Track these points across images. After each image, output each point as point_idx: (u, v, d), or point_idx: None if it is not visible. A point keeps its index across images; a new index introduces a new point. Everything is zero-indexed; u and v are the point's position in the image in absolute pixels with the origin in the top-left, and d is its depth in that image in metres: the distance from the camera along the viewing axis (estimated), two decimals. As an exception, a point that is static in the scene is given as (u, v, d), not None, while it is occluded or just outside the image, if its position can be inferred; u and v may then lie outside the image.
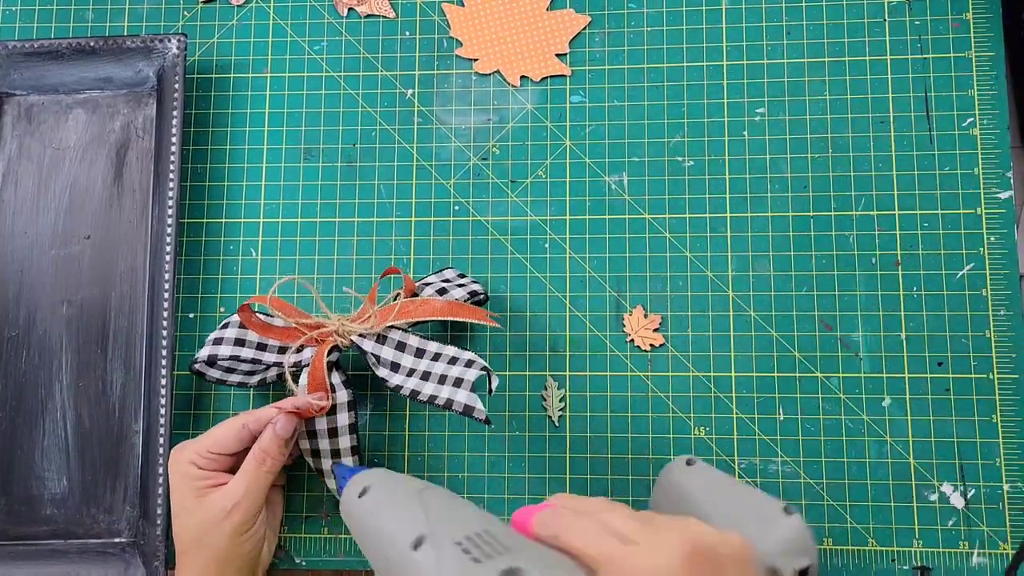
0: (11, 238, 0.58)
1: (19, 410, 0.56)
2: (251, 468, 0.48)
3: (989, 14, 0.57)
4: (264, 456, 0.48)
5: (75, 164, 0.59)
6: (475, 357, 0.49)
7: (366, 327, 0.51)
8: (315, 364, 0.50)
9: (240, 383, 0.54)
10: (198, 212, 0.59)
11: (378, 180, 0.59)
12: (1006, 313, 0.54)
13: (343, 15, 0.61)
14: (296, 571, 0.55)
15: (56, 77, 0.59)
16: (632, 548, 0.35)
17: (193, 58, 0.61)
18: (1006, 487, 0.53)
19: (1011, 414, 0.53)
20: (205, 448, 0.48)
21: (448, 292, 0.52)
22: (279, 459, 0.49)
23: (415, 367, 0.50)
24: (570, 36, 0.59)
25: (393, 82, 0.60)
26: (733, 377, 0.55)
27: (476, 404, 0.46)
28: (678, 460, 0.47)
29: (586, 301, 0.56)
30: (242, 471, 0.48)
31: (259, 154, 0.59)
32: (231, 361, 0.52)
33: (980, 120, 0.56)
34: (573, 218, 0.57)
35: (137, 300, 0.57)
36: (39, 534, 0.55)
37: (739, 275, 0.56)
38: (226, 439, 0.48)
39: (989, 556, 0.52)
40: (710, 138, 0.57)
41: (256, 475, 0.48)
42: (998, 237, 0.55)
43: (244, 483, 0.48)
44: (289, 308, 0.52)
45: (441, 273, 0.55)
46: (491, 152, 0.59)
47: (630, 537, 0.36)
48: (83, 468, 0.56)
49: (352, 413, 0.52)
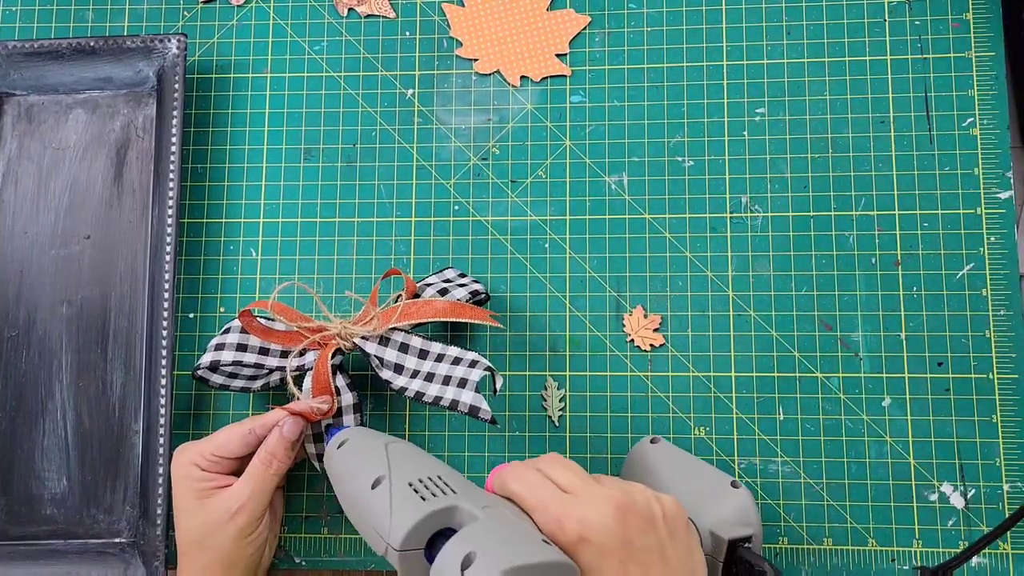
0: (11, 238, 0.58)
1: (19, 410, 0.56)
2: (257, 470, 0.48)
3: (989, 14, 0.57)
4: (271, 458, 0.48)
5: (75, 164, 0.59)
6: (479, 357, 0.49)
7: (368, 329, 0.51)
8: (319, 368, 0.50)
9: (243, 388, 0.54)
10: (198, 212, 0.59)
11: (378, 180, 0.59)
12: (1006, 313, 0.54)
13: (343, 15, 0.61)
14: (296, 571, 0.55)
15: (56, 77, 0.59)
16: (568, 497, 0.38)
17: (193, 58, 0.61)
18: (1006, 487, 0.53)
19: (1011, 414, 0.53)
20: (209, 451, 0.48)
21: (449, 292, 0.52)
22: (285, 462, 0.48)
23: (419, 368, 0.50)
24: (570, 36, 0.59)
25: (393, 82, 0.60)
26: (733, 377, 0.55)
27: (481, 404, 0.47)
28: (645, 439, 0.52)
29: (586, 301, 0.56)
30: (248, 473, 0.48)
31: (259, 154, 0.59)
32: (234, 366, 0.52)
33: (980, 120, 0.56)
34: (573, 218, 0.57)
35: (137, 300, 0.57)
36: (39, 534, 0.55)
37: (739, 275, 0.56)
38: (231, 443, 0.48)
39: (989, 556, 0.52)
40: (710, 138, 0.57)
41: (263, 477, 0.48)
42: (998, 237, 0.55)
43: (250, 485, 0.47)
44: (290, 312, 0.52)
45: (442, 273, 0.55)
46: (491, 152, 0.59)
47: (568, 489, 0.39)
48: (83, 468, 0.56)
49: (357, 415, 0.52)
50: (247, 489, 0.47)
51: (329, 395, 0.50)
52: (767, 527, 0.53)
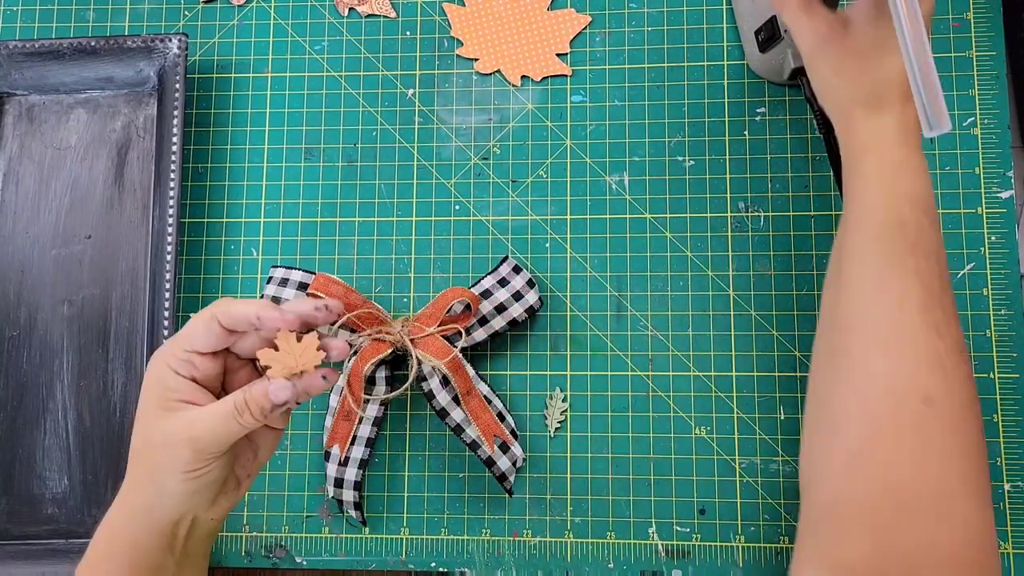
0: (12, 238, 0.58)
1: (20, 410, 0.56)
2: (225, 413, 0.38)
3: (989, 14, 0.57)
4: (243, 408, 0.38)
5: (76, 164, 0.59)
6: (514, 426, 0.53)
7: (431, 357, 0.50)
8: (356, 367, 0.50)
9: None
10: (199, 212, 0.59)
11: (379, 180, 0.59)
12: (1007, 313, 0.54)
13: (344, 15, 0.61)
14: (296, 571, 0.55)
15: (57, 77, 0.59)
16: None
17: (194, 58, 0.61)
18: (1007, 487, 0.53)
19: (1011, 414, 0.53)
20: (180, 347, 0.39)
21: (507, 309, 0.53)
22: (259, 421, 0.39)
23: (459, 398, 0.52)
24: (571, 36, 0.59)
25: (394, 82, 0.60)
26: (734, 376, 0.55)
27: (511, 477, 0.52)
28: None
29: (586, 301, 0.56)
30: (214, 409, 0.39)
31: (260, 154, 0.59)
32: None
33: (981, 120, 0.56)
34: (573, 218, 0.57)
35: (138, 300, 0.57)
36: (40, 534, 0.55)
37: (740, 274, 0.56)
38: (195, 334, 0.38)
39: (990, 556, 0.52)
40: (710, 138, 0.57)
41: (226, 422, 0.38)
42: (999, 237, 0.55)
43: (209, 422, 0.38)
44: (352, 294, 0.51)
45: (497, 272, 0.54)
46: (492, 152, 0.59)
47: None
48: (84, 468, 0.56)
49: (375, 428, 0.53)
50: (204, 425, 0.38)
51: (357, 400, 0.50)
52: (768, 526, 0.53)
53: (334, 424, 0.52)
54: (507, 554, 0.54)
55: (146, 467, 0.39)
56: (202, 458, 0.39)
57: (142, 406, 0.40)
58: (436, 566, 0.54)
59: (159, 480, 0.39)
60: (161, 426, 0.39)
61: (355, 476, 0.52)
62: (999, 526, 0.52)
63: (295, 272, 0.53)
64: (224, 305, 0.38)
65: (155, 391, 0.39)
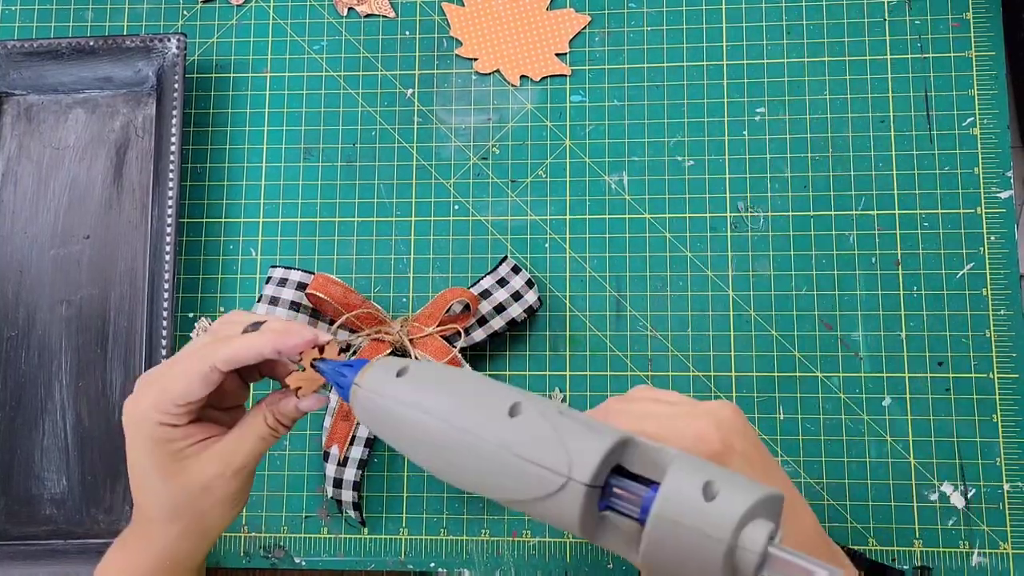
0: (10, 238, 0.58)
1: (19, 410, 0.56)
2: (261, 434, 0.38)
3: (989, 14, 0.57)
4: (277, 426, 0.39)
5: (75, 164, 0.59)
6: None
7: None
8: None
9: None
10: (198, 212, 0.59)
11: (378, 180, 0.59)
12: (1006, 312, 0.54)
13: (343, 15, 0.61)
14: (295, 571, 0.55)
15: (55, 77, 0.59)
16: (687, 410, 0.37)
17: (193, 58, 0.61)
18: (1006, 487, 0.53)
19: (1011, 414, 0.53)
20: (170, 402, 0.37)
21: (506, 310, 0.53)
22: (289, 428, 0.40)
23: None
24: (570, 36, 0.59)
25: (393, 82, 0.60)
26: (733, 377, 0.55)
27: None
28: None
29: (586, 301, 0.56)
30: (246, 430, 0.38)
31: (259, 154, 0.59)
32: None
33: (980, 120, 0.56)
34: (573, 218, 0.57)
35: (137, 300, 0.57)
36: (39, 534, 0.55)
37: (739, 274, 0.56)
38: (191, 387, 0.36)
39: (989, 556, 0.52)
40: (710, 138, 0.57)
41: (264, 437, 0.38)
42: (998, 237, 0.55)
43: (249, 442, 0.38)
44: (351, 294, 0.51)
45: (496, 272, 0.54)
46: (491, 152, 0.59)
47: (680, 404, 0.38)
48: (83, 468, 0.56)
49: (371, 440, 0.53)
50: (246, 446, 0.38)
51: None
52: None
53: (333, 424, 0.52)
54: (506, 554, 0.54)
55: (184, 521, 0.39)
56: (249, 482, 0.40)
57: (145, 470, 0.38)
58: (435, 566, 0.54)
59: (207, 524, 0.39)
60: (189, 478, 0.38)
61: (354, 476, 0.52)
62: (999, 526, 0.52)
63: (294, 272, 0.53)
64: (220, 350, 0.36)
65: (159, 449, 0.37)
